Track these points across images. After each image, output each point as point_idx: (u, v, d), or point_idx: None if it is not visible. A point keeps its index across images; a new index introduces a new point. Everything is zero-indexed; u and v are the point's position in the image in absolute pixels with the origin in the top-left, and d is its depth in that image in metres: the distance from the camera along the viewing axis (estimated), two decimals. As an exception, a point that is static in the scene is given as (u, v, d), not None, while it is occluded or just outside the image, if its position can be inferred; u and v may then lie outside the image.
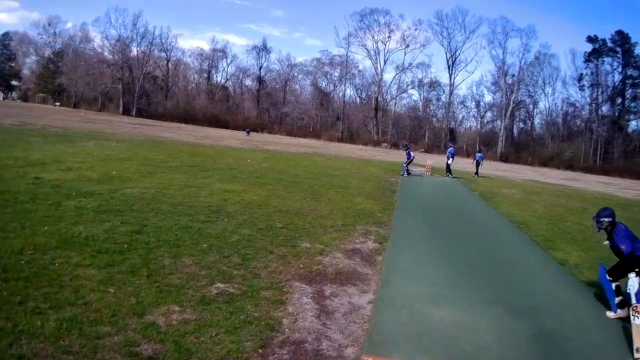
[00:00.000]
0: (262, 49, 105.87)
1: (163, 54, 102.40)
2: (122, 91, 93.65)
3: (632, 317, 6.18)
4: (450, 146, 32.76)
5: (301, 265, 7.38)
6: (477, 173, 33.14)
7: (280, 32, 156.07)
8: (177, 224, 8.77)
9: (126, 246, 6.98)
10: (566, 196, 14.25)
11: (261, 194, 13.46)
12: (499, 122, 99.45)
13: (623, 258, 6.91)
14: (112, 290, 5.34)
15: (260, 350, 4.55)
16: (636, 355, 5.66)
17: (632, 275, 6.66)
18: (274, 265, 7.20)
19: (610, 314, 6.98)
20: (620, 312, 6.88)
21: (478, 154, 35.40)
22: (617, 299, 7.03)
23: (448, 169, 30.46)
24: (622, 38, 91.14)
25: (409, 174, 27.12)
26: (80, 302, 4.94)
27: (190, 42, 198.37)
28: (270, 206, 11.87)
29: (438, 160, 38.96)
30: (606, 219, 7.29)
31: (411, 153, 28.00)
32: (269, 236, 8.89)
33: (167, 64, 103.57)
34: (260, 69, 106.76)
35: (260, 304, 5.62)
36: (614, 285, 7.11)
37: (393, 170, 29.61)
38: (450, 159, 30.65)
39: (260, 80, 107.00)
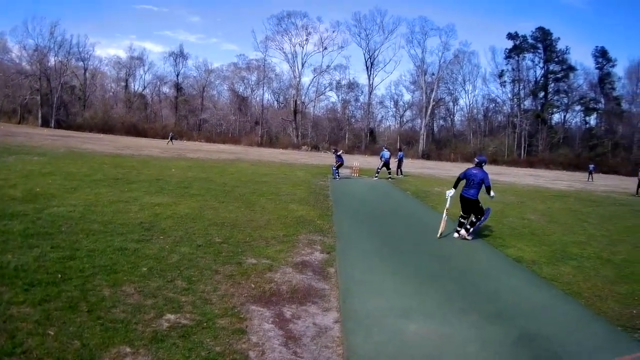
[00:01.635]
0: (179, 55, 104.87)
1: (80, 63, 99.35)
2: (40, 102, 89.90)
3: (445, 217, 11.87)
4: (385, 149, 32.35)
5: (252, 285, 6.91)
6: (400, 172, 33.41)
7: (197, 38, 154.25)
8: (110, 246, 8.07)
9: (60, 276, 6.27)
10: (499, 191, 14.62)
11: (192, 206, 12.88)
12: (419, 120, 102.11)
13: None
14: (52, 333, 4.69)
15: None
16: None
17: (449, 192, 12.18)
18: (224, 287, 6.71)
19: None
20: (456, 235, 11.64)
21: (399, 153, 35.88)
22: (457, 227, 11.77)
23: (389, 171, 30.32)
24: (543, 34, 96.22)
25: (338, 176, 27.03)
26: (19, 350, 4.28)
27: (108, 51, 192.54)
28: (204, 219, 11.33)
29: (363, 162, 39.05)
30: (476, 159, 11.61)
31: (341, 156, 27.94)
32: (211, 253, 8.37)
33: (85, 73, 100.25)
34: (177, 75, 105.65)
35: (220, 336, 5.12)
36: (465, 219, 11.66)
37: (320, 174, 29.58)
38: (382, 161, 30.30)
39: (177, 87, 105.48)
